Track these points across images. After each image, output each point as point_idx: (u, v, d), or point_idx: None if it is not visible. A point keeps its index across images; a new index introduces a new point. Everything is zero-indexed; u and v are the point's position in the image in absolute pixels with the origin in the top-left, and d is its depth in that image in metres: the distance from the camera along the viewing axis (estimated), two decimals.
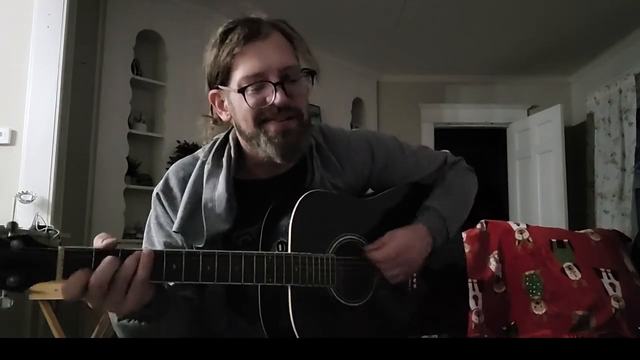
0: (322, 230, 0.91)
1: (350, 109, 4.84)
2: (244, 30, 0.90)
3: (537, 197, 4.67)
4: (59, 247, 0.69)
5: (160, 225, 0.98)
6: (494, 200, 5.43)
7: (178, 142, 3.46)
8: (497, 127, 5.22)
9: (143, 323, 0.81)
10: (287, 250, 0.85)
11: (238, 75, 0.90)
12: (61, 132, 2.71)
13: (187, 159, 1.04)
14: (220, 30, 0.94)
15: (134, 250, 0.74)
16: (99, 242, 0.73)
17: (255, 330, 0.89)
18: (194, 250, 0.79)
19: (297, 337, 0.81)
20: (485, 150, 5.86)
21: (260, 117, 0.90)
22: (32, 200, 2.54)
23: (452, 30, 4.15)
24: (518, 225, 2.27)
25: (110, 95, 3.28)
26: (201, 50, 0.98)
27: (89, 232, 3.11)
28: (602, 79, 4.45)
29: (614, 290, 2.03)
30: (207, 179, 0.96)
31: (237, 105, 0.92)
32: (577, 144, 4.70)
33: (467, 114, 5.16)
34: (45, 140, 2.65)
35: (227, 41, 0.91)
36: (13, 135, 2.64)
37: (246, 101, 0.89)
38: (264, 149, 0.92)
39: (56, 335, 2.16)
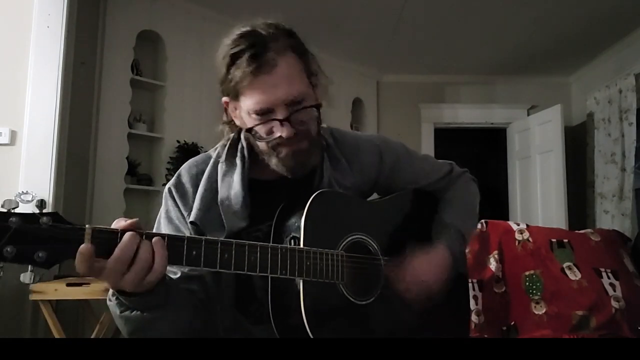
0: (332, 228, 0.93)
1: (350, 109, 4.84)
2: (252, 63, 0.87)
3: (537, 197, 4.67)
4: (87, 226, 0.70)
5: (169, 219, 0.99)
6: (494, 200, 5.44)
7: (178, 142, 3.46)
8: (497, 127, 5.22)
9: (145, 313, 0.81)
10: (299, 245, 0.87)
11: (246, 103, 0.91)
12: (61, 132, 2.71)
13: (199, 157, 1.06)
14: (228, 48, 0.90)
15: (153, 234, 0.75)
16: (121, 222, 0.74)
17: (259, 331, 0.89)
18: (213, 238, 0.80)
19: (309, 333, 0.82)
20: (485, 150, 5.87)
21: (274, 142, 0.92)
22: (32, 200, 2.53)
23: (452, 30, 4.15)
24: (518, 225, 2.27)
25: (110, 95, 3.27)
26: (201, 50, 0.97)
27: None
28: (602, 79, 4.45)
29: (614, 290, 2.04)
30: (222, 178, 0.98)
31: (249, 124, 0.93)
32: (577, 144, 4.70)
33: (467, 114, 5.16)
34: (45, 140, 2.65)
35: (233, 68, 0.89)
36: (13, 135, 2.64)
37: (254, 136, 0.93)
38: (275, 166, 0.95)
39: (56, 335, 2.16)
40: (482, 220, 2.27)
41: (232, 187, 0.96)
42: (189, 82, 3.53)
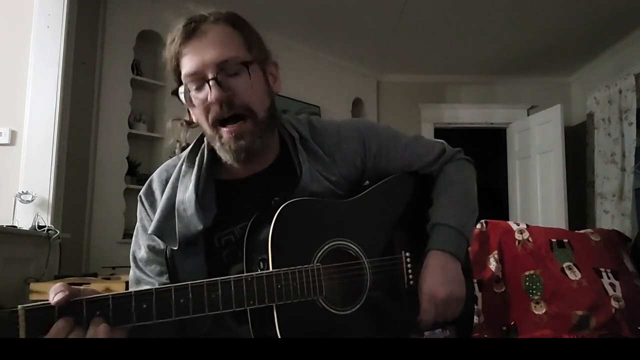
0: (306, 239, 0.87)
1: (350, 109, 4.84)
2: (184, 32, 0.90)
3: (537, 197, 4.67)
4: (19, 307, 0.68)
5: (144, 228, 0.98)
6: (494, 200, 5.43)
7: (178, 142, 3.45)
8: (497, 127, 5.22)
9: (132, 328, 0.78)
10: (268, 267, 0.82)
11: (183, 73, 0.89)
12: (61, 132, 2.71)
13: (172, 160, 1.03)
14: (168, 39, 0.93)
15: (96, 299, 0.71)
16: (52, 295, 0.70)
17: (244, 331, 0.86)
18: (164, 286, 0.75)
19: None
20: (485, 150, 5.85)
21: (210, 118, 0.88)
22: (32, 200, 2.54)
23: (452, 31, 4.15)
24: (518, 225, 2.27)
25: (110, 95, 3.28)
26: None
27: (88, 232, 3.11)
28: (602, 79, 4.45)
29: (614, 290, 2.03)
30: (181, 181, 0.94)
31: (192, 107, 0.91)
32: (577, 144, 4.70)
33: (467, 114, 5.16)
34: (45, 140, 2.65)
35: (169, 44, 0.91)
36: (13, 135, 2.64)
37: (184, 102, 0.89)
38: (221, 154, 0.91)
39: None
40: (482, 220, 2.26)
41: (187, 189, 0.92)
42: None
